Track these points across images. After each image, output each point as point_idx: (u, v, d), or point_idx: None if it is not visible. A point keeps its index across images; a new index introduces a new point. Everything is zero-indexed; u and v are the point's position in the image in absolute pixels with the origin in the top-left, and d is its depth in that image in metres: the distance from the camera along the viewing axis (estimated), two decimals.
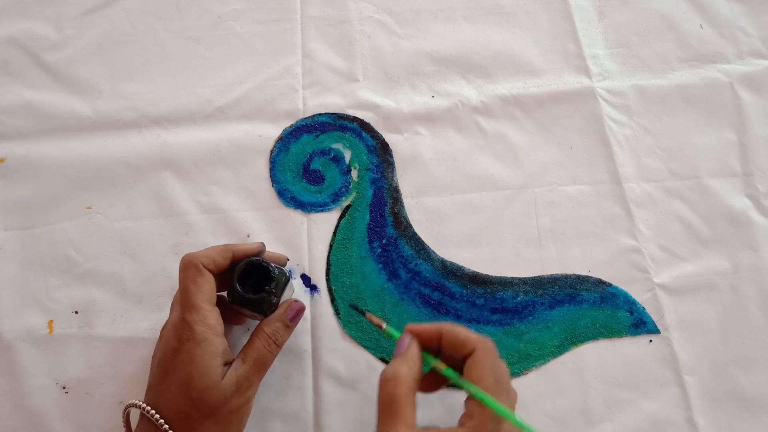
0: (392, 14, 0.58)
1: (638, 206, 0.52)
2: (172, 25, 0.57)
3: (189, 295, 0.39)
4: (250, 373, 0.39)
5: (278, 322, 0.41)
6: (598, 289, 0.49)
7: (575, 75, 0.56)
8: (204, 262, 0.40)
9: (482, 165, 0.53)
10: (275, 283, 0.41)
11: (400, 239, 0.50)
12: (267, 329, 0.41)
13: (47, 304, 0.48)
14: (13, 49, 0.56)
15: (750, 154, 0.54)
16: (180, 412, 0.38)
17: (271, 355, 0.41)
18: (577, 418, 0.46)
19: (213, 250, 0.41)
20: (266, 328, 0.41)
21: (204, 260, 0.40)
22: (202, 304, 0.39)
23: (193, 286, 0.39)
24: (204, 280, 0.40)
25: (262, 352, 0.40)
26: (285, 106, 0.54)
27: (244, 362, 0.40)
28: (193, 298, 0.39)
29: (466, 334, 0.38)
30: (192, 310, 0.39)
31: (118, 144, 0.53)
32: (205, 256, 0.40)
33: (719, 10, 0.59)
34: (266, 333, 0.41)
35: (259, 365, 0.40)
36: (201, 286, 0.39)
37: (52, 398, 0.45)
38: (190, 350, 0.38)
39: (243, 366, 0.39)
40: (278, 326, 0.41)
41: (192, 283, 0.39)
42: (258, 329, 0.41)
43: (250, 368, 0.39)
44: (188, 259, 0.40)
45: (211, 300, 0.40)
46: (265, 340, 0.40)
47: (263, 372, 0.40)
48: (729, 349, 0.48)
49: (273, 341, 0.41)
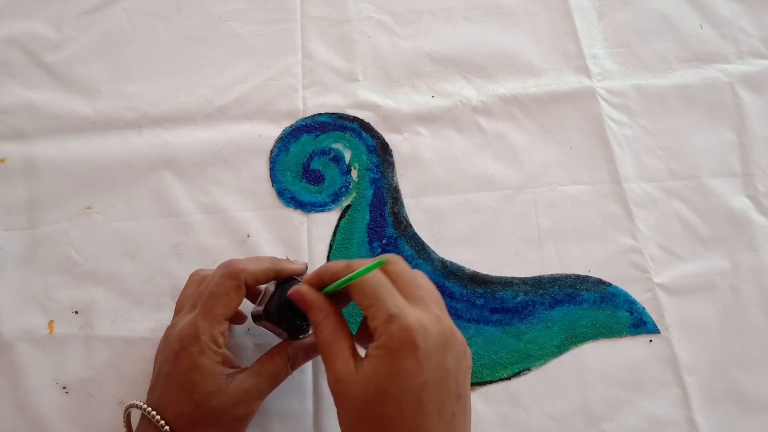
0: (392, 14, 0.58)
1: (638, 206, 0.52)
2: (172, 25, 0.57)
3: (216, 304, 0.39)
4: (262, 386, 0.39)
5: (302, 351, 0.41)
6: (598, 289, 0.49)
7: (575, 75, 0.56)
8: (248, 280, 0.40)
9: (482, 165, 0.53)
10: None
11: (400, 239, 0.50)
12: (290, 351, 0.41)
13: (47, 304, 0.48)
14: (13, 49, 0.56)
15: (750, 154, 0.54)
16: (182, 415, 0.38)
17: (286, 375, 0.41)
18: (577, 418, 0.46)
19: (259, 266, 0.40)
20: (290, 350, 0.41)
21: (248, 277, 0.40)
22: (219, 317, 0.39)
23: (225, 297, 0.39)
24: (237, 296, 0.39)
25: (279, 370, 0.40)
26: (285, 106, 0.54)
27: (260, 375, 0.40)
28: (217, 308, 0.39)
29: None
30: (208, 317, 0.38)
31: (118, 144, 0.53)
32: (250, 273, 0.40)
33: (719, 10, 0.59)
34: (288, 354, 0.41)
35: (273, 381, 0.40)
36: (231, 301, 0.39)
37: (52, 398, 0.45)
38: (192, 356, 0.38)
39: (257, 378, 0.39)
40: (301, 354, 0.41)
41: (225, 294, 0.39)
42: (281, 348, 0.41)
43: (264, 381, 0.40)
44: (234, 270, 0.39)
45: (230, 315, 0.40)
46: (285, 360, 0.41)
47: (274, 387, 0.41)
48: (729, 349, 0.48)
49: (291, 364, 0.41)
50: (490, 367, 0.47)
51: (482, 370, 0.47)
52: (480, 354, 0.47)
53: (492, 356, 0.47)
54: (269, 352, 0.41)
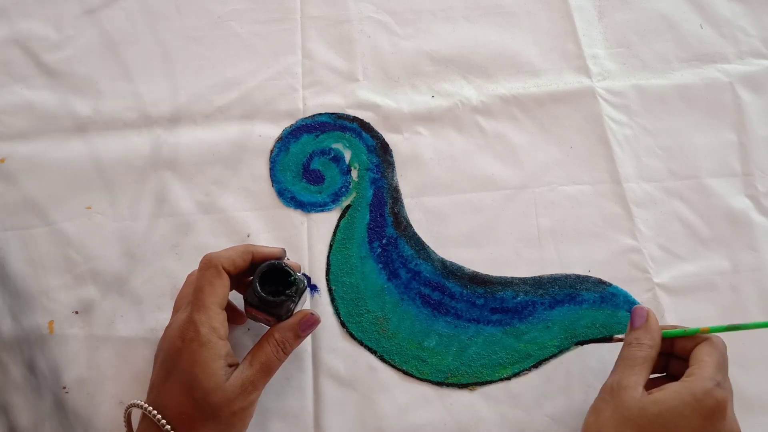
0: (392, 14, 0.58)
1: (638, 206, 0.52)
2: (172, 25, 0.57)
3: (203, 295, 0.39)
4: (256, 377, 0.39)
5: (290, 331, 0.41)
6: (598, 289, 0.49)
7: (575, 75, 0.56)
8: (224, 264, 0.40)
9: (482, 165, 0.53)
10: (295, 288, 0.41)
11: (400, 239, 0.50)
12: (278, 336, 0.41)
13: (47, 304, 0.48)
14: (13, 49, 0.56)
15: (750, 154, 0.54)
16: (183, 413, 0.38)
17: (279, 362, 0.41)
18: (577, 418, 0.46)
19: (234, 251, 0.41)
20: (277, 334, 0.41)
21: (225, 262, 0.40)
22: (212, 306, 0.39)
23: (209, 287, 0.39)
24: (221, 282, 0.40)
25: (270, 357, 0.40)
26: (285, 106, 0.54)
27: (251, 366, 0.40)
28: (206, 299, 0.39)
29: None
30: (201, 310, 0.39)
31: (118, 144, 0.53)
32: (226, 258, 0.40)
33: (719, 10, 0.59)
34: (276, 339, 0.41)
35: (265, 370, 0.40)
36: (216, 288, 0.40)
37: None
38: (194, 351, 0.38)
39: (249, 369, 0.39)
40: (289, 335, 0.41)
41: (208, 284, 0.39)
42: (268, 334, 0.41)
43: (256, 372, 0.39)
44: (209, 259, 0.40)
45: (222, 303, 0.40)
46: (274, 346, 0.40)
47: (269, 377, 0.40)
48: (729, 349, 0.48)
49: (281, 349, 0.41)
50: (490, 367, 0.47)
51: (482, 370, 0.47)
52: (480, 354, 0.47)
53: (492, 356, 0.47)
54: (258, 342, 0.41)
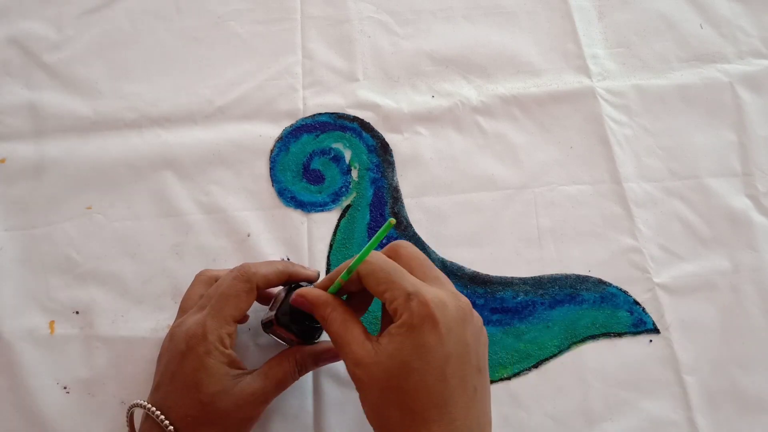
0: (392, 14, 0.58)
1: (638, 206, 0.52)
2: (172, 25, 0.57)
3: (227, 305, 0.39)
4: (269, 390, 0.39)
5: (311, 357, 0.41)
6: (598, 289, 0.49)
7: (575, 75, 0.56)
8: (260, 283, 0.40)
9: (482, 165, 0.53)
10: None
11: (400, 239, 0.50)
12: (299, 357, 0.41)
13: (48, 304, 0.48)
14: (13, 49, 0.56)
15: (750, 154, 0.54)
16: (187, 416, 0.37)
17: (293, 381, 0.41)
18: (577, 418, 0.46)
19: (272, 270, 0.41)
20: (299, 356, 0.41)
21: (260, 281, 0.40)
22: (228, 318, 0.39)
23: (235, 299, 0.39)
24: (248, 298, 0.40)
25: (287, 375, 0.40)
26: (285, 105, 0.54)
27: (267, 378, 0.40)
28: (227, 309, 0.39)
29: None
30: (217, 318, 0.39)
31: (118, 144, 0.53)
32: (262, 276, 0.40)
33: (719, 10, 0.59)
34: (297, 360, 0.41)
35: (279, 385, 0.40)
36: (241, 303, 0.39)
37: (53, 399, 0.45)
38: (199, 356, 0.38)
39: (264, 381, 0.39)
40: (309, 360, 0.41)
41: (235, 296, 0.39)
42: (290, 353, 0.41)
43: (270, 385, 0.40)
44: (246, 272, 0.40)
45: (239, 317, 0.40)
46: (293, 366, 0.41)
47: (280, 392, 0.41)
48: (729, 349, 0.48)
49: (299, 370, 0.41)
50: (490, 367, 0.47)
51: None
52: None
53: (492, 356, 0.47)
54: (278, 356, 0.41)
